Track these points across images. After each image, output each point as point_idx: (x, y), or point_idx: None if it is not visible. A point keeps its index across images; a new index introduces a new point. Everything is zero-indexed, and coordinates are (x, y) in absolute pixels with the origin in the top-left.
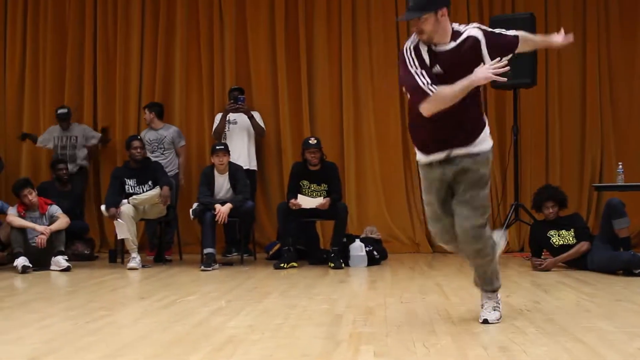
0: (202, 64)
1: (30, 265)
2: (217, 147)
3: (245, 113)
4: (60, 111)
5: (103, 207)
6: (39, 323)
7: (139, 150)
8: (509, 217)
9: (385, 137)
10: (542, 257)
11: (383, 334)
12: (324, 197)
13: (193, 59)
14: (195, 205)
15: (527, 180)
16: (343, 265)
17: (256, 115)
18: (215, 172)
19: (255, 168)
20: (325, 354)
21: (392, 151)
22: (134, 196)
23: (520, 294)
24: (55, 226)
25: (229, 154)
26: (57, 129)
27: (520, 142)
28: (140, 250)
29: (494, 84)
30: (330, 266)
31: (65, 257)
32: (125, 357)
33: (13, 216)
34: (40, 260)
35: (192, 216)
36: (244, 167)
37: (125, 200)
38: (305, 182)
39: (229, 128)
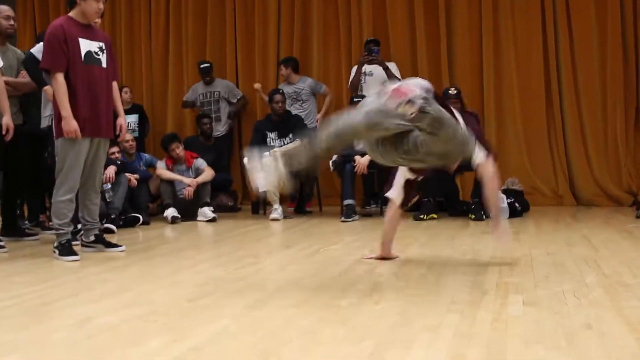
0: (339, 17)
1: (179, 216)
2: (355, 100)
3: (380, 64)
4: (203, 65)
5: (246, 160)
6: (193, 269)
7: (280, 104)
8: None
9: (527, 86)
10: None
11: (531, 285)
12: None
13: (330, 12)
14: (334, 157)
15: None
16: (484, 216)
17: (392, 66)
18: None
19: None
20: (473, 302)
21: (534, 100)
22: (275, 149)
23: None
24: (201, 178)
25: None
26: (201, 85)
27: None
28: (281, 202)
29: None
30: (471, 218)
31: (211, 208)
32: (277, 300)
33: (162, 169)
34: (187, 211)
35: (332, 168)
36: None
37: (266, 153)
38: None
39: (365, 80)
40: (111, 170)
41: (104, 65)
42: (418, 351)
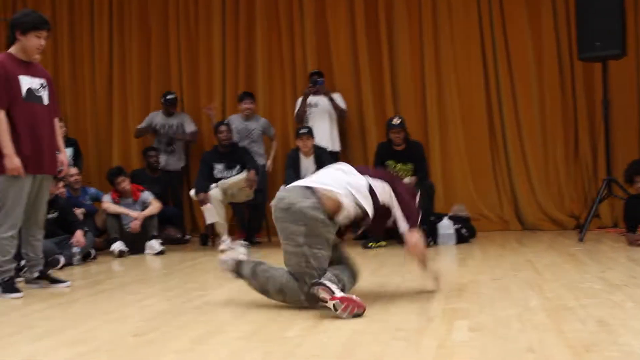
0: (283, 49)
1: (126, 250)
2: (301, 132)
3: (325, 95)
4: (169, 97)
5: (192, 192)
6: (140, 303)
7: (224, 134)
8: (601, 192)
9: (469, 113)
10: (638, 232)
11: (477, 310)
12: (410, 177)
13: (274, 44)
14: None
15: (619, 155)
16: (432, 243)
17: (337, 96)
18: (301, 155)
19: (338, 149)
20: (419, 329)
21: (477, 127)
22: (222, 180)
23: (617, 270)
24: (148, 212)
25: (313, 137)
26: (160, 115)
27: (611, 115)
28: (230, 233)
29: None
30: None
31: (159, 240)
32: (224, 334)
33: (108, 203)
34: (135, 245)
35: None
36: (327, 149)
37: (213, 185)
38: (391, 162)
39: (310, 111)
40: (79, 235)
41: (46, 102)
42: None
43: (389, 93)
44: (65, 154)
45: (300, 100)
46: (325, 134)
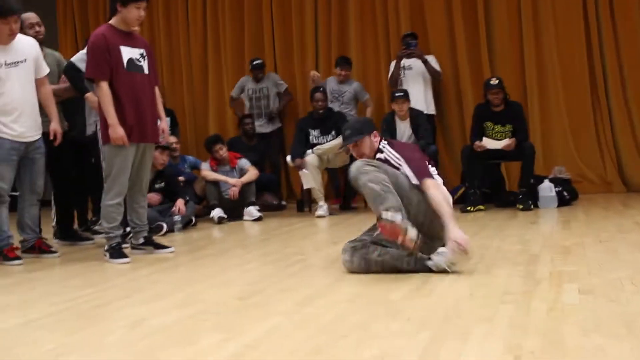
0: (376, 11)
1: (225, 216)
2: (397, 95)
3: (419, 57)
4: (255, 62)
5: (289, 158)
6: (241, 267)
7: (320, 102)
8: None
9: (570, 73)
10: None
11: (585, 272)
12: (509, 138)
13: (367, 7)
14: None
15: None
16: (532, 206)
17: (431, 59)
18: (396, 119)
19: (433, 112)
20: (527, 292)
21: (578, 86)
22: (318, 146)
23: None
24: (245, 178)
25: (409, 101)
26: (250, 81)
27: None
28: (326, 199)
29: None
30: (518, 208)
31: (257, 207)
32: (328, 296)
33: (207, 171)
34: (233, 211)
35: None
36: (423, 112)
37: (309, 151)
38: (489, 124)
39: (404, 74)
40: (180, 203)
41: (146, 71)
42: (474, 343)
43: (485, 55)
44: (166, 122)
45: (393, 63)
46: (420, 97)
